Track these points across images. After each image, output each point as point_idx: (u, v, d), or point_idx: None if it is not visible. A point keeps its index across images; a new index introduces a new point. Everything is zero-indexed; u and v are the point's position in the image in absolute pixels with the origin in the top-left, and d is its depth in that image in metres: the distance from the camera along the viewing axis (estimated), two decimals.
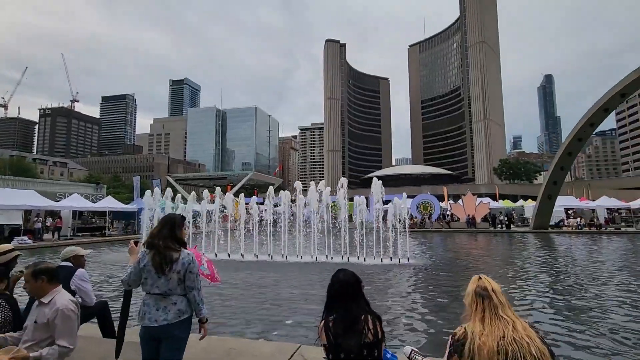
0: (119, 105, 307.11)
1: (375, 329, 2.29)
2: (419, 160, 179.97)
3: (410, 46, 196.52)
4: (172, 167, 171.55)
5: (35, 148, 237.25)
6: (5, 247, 4.25)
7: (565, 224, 36.44)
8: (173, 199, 21.58)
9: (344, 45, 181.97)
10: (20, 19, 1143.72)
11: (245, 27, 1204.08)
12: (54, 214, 29.15)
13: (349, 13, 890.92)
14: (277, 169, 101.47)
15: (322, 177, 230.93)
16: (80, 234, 29.10)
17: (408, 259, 14.27)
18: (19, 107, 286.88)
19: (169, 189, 19.97)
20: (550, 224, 35.41)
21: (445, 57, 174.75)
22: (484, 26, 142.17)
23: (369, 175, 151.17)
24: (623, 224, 37.87)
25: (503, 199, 53.02)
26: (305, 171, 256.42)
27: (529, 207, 43.19)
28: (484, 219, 38.14)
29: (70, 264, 4.36)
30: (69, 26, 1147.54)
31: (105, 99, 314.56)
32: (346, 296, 2.39)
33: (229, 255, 16.19)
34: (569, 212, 39.80)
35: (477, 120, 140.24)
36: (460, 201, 40.44)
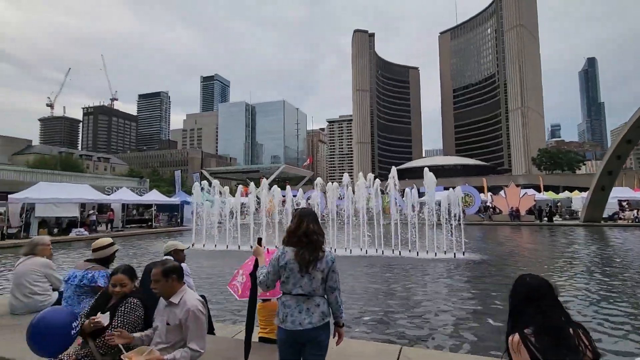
0: (154, 102, 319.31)
1: (592, 345, 1.91)
2: (450, 151, 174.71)
3: (441, 33, 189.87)
4: (206, 161, 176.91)
5: (80, 144, 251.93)
6: (105, 241, 4.34)
7: (621, 216, 34.11)
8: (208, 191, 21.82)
9: (372, 35, 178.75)
10: (60, 21, 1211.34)
11: (271, 22, 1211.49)
12: (103, 207, 30.80)
13: (376, 1, 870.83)
14: (307, 161, 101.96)
15: (352, 169, 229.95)
16: (128, 226, 30.55)
17: (463, 253, 13.81)
18: (64, 107, 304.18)
19: (216, 181, 20.39)
20: (604, 216, 33.25)
21: (478, 43, 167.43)
22: (522, 8, 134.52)
23: (399, 167, 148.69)
24: None
25: (546, 190, 50.39)
26: (334, 164, 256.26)
27: (577, 199, 40.85)
28: (529, 212, 36.45)
29: (171, 258, 4.44)
30: (104, 27, 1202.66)
31: (141, 97, 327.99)
32: (539, 303, 2.01)
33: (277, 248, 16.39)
34: (624, 203, 37.22)
35: (513, 109, 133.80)
36: (502, 193, 38.82)
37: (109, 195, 29.37)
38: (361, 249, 15.04)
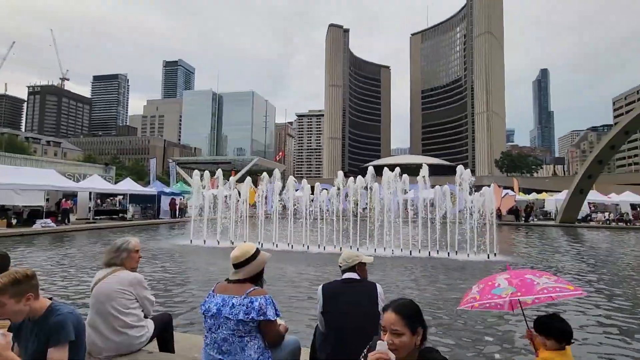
0: (111, 85, 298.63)
1: None
2: (417, 151, 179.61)
3: (413, 35, 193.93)
4: (168, 151, 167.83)
5: (23, 126, 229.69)
6: (251, 247, 2.83)
7: (593, 218, 36.06)
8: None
9: (347, 31, 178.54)
10: None
11: (244, 9, 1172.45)
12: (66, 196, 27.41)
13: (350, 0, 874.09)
14: (279, 155, 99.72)
15: (319, 164, 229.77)
16: (98, 217, 27.46)
17: (495, 254, 13.24)
18: (5, 84, 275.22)
19: (207, 172, 18.36)
20: (577, 218, 34.96)
21: (448, 47, 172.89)
22: (491, 16, 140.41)
23: (368, 164, 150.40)
24: None
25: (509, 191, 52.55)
26: (302, 158, 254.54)
27: (551, 201, 42.76)
28: (509, 212, 37.52)
29: (356, 276, 3.00)
30: (58, 1, 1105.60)
31: (96, 79, 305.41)
32: None
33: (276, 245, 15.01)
34: (591, 206, 39.50)
35: (479, 112, 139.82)
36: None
37: (78, 183, 26.08)
38: (383, 249, 14.04)
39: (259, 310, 2.48)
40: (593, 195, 41.07)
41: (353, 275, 3.01)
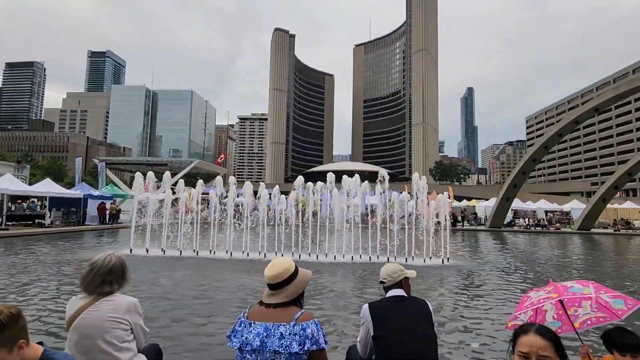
0: (24, 73, 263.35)
1: None
2: (358, 158, 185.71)
3: (356, 46, 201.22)
4: (92, 149, 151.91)
5: None
6: (287, 262, 2.29)
7: (515, 223, 40.03)
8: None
9: (293, 37, 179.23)
10: None
11: (186, 4, 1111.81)
12: None
13: (299, 6, 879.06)
14: (221, 158, 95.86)
15: (262, 169, 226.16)
16: (10, 224, 23.51)
17: (448, 259, 13.75)
18: None
19: (150, 173, 16.53)
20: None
21: (389, 60, 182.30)
22: (427, 35, 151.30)
23: (311, 169, 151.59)
24: (558, 224, 42.88)
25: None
26: (243, 162, 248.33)
27: (480, 207, 46.67)
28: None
29: (403, 292, 2.57)
30: None
31: (9, 66, 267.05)
32: None
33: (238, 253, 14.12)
34: (513, 212, 43.96)
35: (416, 124, 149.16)
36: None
37: None
38: (344, 255, 13.85)
39: (312, 338, 2.01)
40: (515, 203, 45.80)
41: (400, 292, 2.58)
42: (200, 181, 17.22)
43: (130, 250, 14.52)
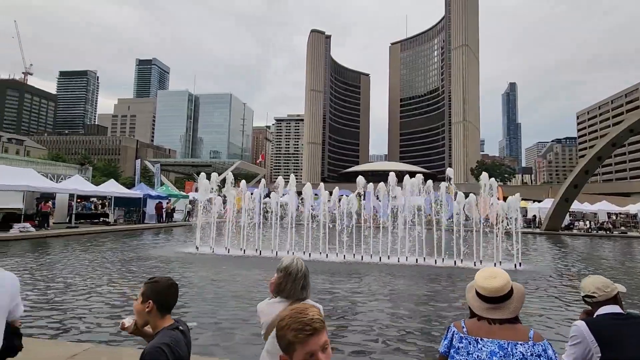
0: (79, 82, 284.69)
1: None
2: (394, 158, 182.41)
3: (392, 44, 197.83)
4: (141, 151, 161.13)
5: None
6: (503, 272, 2.13)
7: (575, 226, 37.39)
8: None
9: (329, 37, 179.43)
10: None
11: (223, 11, 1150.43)
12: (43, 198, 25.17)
13: (332, 6, 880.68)
14: (260, 158, 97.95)
15: (297, 169, 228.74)
16: (78, 222, 25.37)
17: (520, 263, 13.05)
18: None
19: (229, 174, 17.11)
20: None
21: (426, 57, 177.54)
22: (468, 29, 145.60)
23: (348, 169, 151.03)
24: (622, 227, 39.54)
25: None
26: (279, 163, 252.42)
27: (533, 208, 44.09)
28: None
29: (620, 309, 2.32)
30: None
31: (63, 74, 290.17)
32: None
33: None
34: (570, 215, 41.03)
35: (456, 122, 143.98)
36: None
37: (59, 183, 24.01)
38: (415, 259, 13.53)
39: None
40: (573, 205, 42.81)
41: (617, 309, 2.34)
42: (243, 182, 17.60)
43: (197, 248, 15.13)
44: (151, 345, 1.83)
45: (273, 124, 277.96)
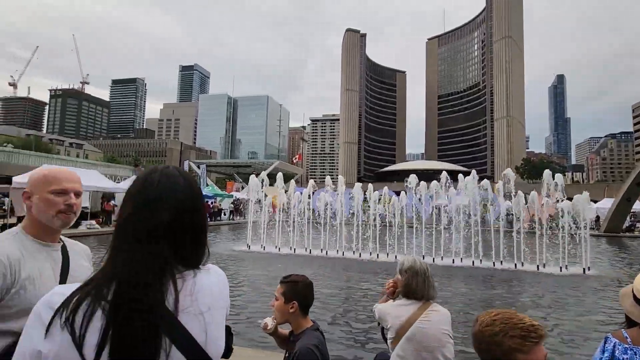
0: (129, 89, 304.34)
1: None
2: (432, 156, 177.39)
3: (429, 39, 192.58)
4: (185, 153, 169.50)
5: (45, 128, 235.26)
6: None
7: (637, 227, 34.47)
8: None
9: (364, 36, 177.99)
10: None
11: (258, 15, 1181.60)
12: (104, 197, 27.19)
13: (367, 4, 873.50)
14: (297, 158, 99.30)
15: (333, 169, 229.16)
16: None
17: (589, 268, 12.24)
18: (29, 87, 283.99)
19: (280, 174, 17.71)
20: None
21: (465, 51, 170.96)
22: (511, 20, 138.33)
23: (385, 169, 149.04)
24: None
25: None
26: (315, 163, 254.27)
27: (591, 209, 41.01)
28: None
29: None
30: (79, 6, 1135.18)
31: (115, 82, 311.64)
32: None
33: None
34: (631, 216, 37.73)
35: (499, 118, 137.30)
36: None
37: (119, 184, 25.87)
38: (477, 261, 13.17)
39: None
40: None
41: None
42: (292, 181, 17.96)
43: (248, 246, 15.67)
44: (303, 345, 1.88)
45: (308, 124, 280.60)
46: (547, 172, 14.15)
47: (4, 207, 17.63)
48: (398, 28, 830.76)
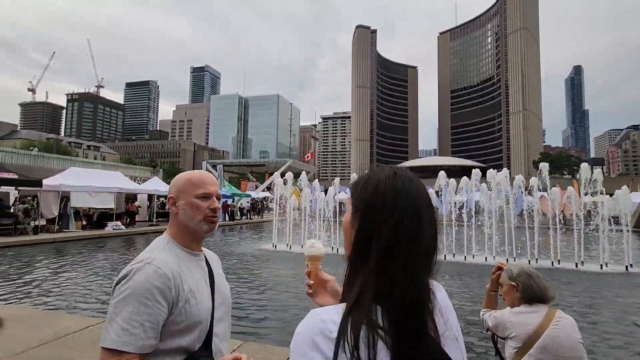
0: (142, 91, 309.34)
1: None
2: (446, 152, 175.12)
3: (441, 34, 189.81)
4: (198, 153, 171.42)
5: (62, 131, 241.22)
6: None
7: None
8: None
9: (374, 32, 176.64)
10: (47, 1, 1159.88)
11: (268, 14, 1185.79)
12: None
13: (378, 0, 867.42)
14: (309, 156, 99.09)
15: (345, 167, 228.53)
16: (157, 220, 27.40)
17: (631, 265, 11.73)
18: (47, 92, 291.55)
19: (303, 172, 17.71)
20: None
21: (478, 44, 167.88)
22: (526, 10, 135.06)
23: (398, 165, 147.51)
24: None
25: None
26: (326, 161, 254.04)
27: (634, 204, 39.70)
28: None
29: None
30: (94, 10, 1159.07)
31: (129, 85, 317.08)
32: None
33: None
34: None
35: (515, 112, 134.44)
36: (546, 194, 37.31)
37: (140, 185, 26.18)
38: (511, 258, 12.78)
39: None
40: None
41: None
42: (316, 181, 17.82)
43: (274, 245, 15.58)
44: None
45: (319, 123, 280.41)
46: (584, 166, 13.61)
47: (33, 210, 17.93)
48: (409, 23, 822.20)
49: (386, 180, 0.80)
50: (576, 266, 11.95)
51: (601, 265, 11.81)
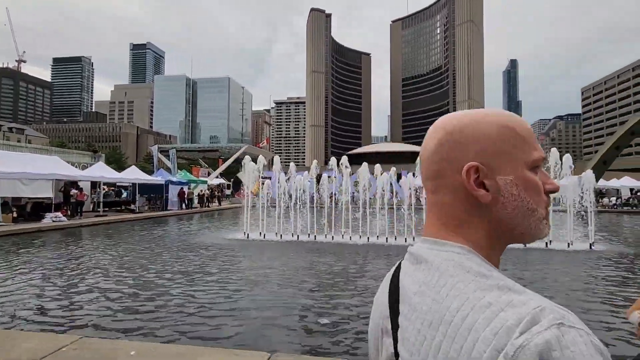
0: (73, 68, 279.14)
1: None
2: (397, 139, 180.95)
3: (393, 22, 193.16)
4: (142, 138, 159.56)
5: None
6: None
7: (599, 202, 36.97)
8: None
9: (329, 16, 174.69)
10: None
11: None
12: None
13: None
14: (264, 142, 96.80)
15: (299, 152, 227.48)
16: (106, 210, 24.69)
17: (593, 243, 12.48)
18: None
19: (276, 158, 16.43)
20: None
21: (428, 34, 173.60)
22: (472, 4, 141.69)
23: (352, 152, 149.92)
24: None
25: None
26: (280, 147, 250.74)
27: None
28: None
29: None
30: None
31: (57, 61, 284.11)
32: None
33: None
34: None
35: (461, 100, 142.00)
36: None
37: (83, 171, 23.23)
38: None
39: None
40: (601, 182, 42.24)
41: None
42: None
43: (246, 234, 14.52)
44: None
45: (273, 108, 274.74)
46: (554, 151, 14.12)
47: None
48: (364, 9, 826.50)
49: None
50: (546, 245, 12.48)
51: (568, 244, 12.43)
